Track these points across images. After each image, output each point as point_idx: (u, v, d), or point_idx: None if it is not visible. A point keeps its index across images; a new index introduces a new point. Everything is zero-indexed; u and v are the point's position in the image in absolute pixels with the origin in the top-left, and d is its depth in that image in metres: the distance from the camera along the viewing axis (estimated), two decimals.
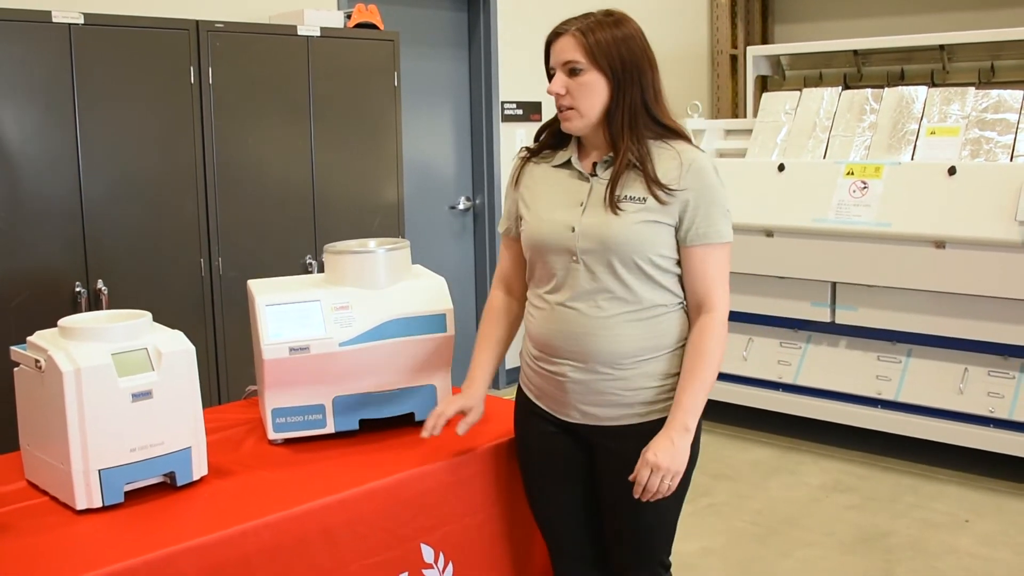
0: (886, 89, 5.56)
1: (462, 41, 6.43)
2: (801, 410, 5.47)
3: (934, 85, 5.51)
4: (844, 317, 5.27)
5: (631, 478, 2.28)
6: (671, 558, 2.55)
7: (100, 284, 3.98)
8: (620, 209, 2.30)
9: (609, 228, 2.30)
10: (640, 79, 2.32)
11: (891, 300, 5.09)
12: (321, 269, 4.57)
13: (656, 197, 2.29)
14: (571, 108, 2.34)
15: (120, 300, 3.98)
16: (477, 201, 6.55)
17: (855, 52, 5.91)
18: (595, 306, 2.33)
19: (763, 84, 6.50)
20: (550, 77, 2.40)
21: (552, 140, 2.50)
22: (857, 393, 5.28)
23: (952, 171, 4.85)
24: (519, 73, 6.57)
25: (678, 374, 2.37)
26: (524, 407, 2.56)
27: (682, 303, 2.40)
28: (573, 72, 2.33)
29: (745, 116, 7.01)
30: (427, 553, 2.44)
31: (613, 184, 2.32)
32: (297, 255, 4.61)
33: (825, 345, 5.42)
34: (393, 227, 4.94)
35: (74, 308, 3.92)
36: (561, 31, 2.37)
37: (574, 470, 2.50)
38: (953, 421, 4.99)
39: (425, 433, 2.47)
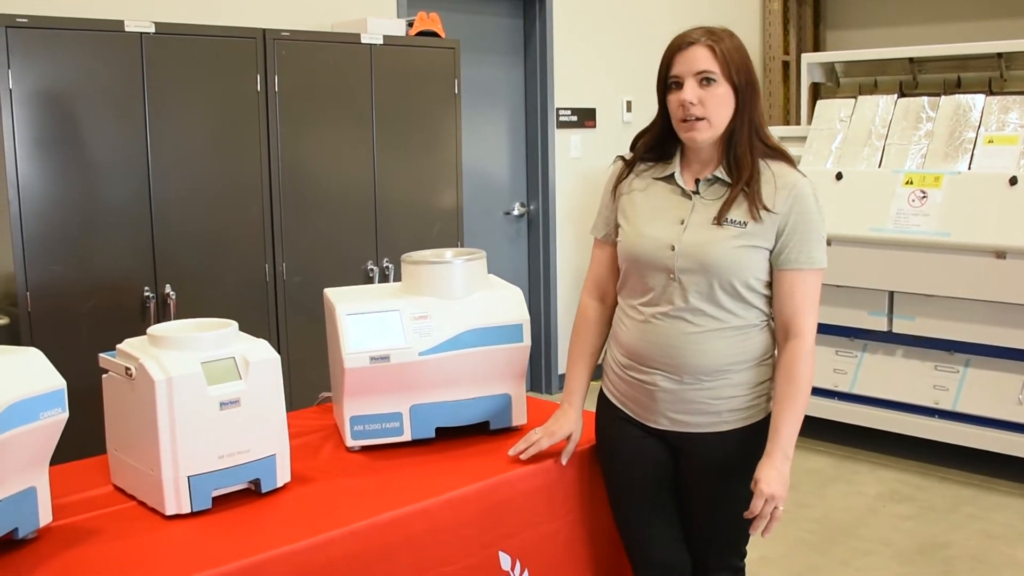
0: (943, 97, 5.54)
1: (517, 48, 6.47)
2: (857, 419, 5.46)
3: (991, 93, 5.47)
4: (901, 326, 5.26)
5: (747, 515, 2.32)
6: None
7: (168, 289, 4.04)
8: (718, 229, 2.34)
9: (709, 250, 2.33)
10: (755, 95, 2.37)
11: (949, 310, 5.07)
12: (382, 275, 4.63)
13: (755, 219, 2.32)
14: (702, 119, 2.34)
15: (187, 305, 4.04)
16: (531, 207, 6.58)
17: (911, 59, 5.87)
18: (688, 321, 2.37)
19: (816, 91, 6.47)
20: (667, 87, 2.40)
21: (651, 151, 2.51)
22: (914, 403, 5.26)
23: (1013, 181, 4.84)
24: (574, 80, 6.60)
25: (763, 383, 2.44)
26: (609, 412, 2.59)
27: (769, 320, 2.44)
28: (706, 82, 2.33)
29: (798, 123, 6.99)
30: (504, 560, 2.46)
31: (727, 205, 2.34)
32: (359, 261, 4.65)
33: (881, 354, 5.41)
34: (453, 233, 4.98)
35: (143, 313, 3.99)
36: (693, 40, 2.35)
37: (660, 474, 2.54)
38: (1012, 432, 4.96)
39: (512, 452, 2.53)
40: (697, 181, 2.41)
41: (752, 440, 2.41)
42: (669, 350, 2.39)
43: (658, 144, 2.49)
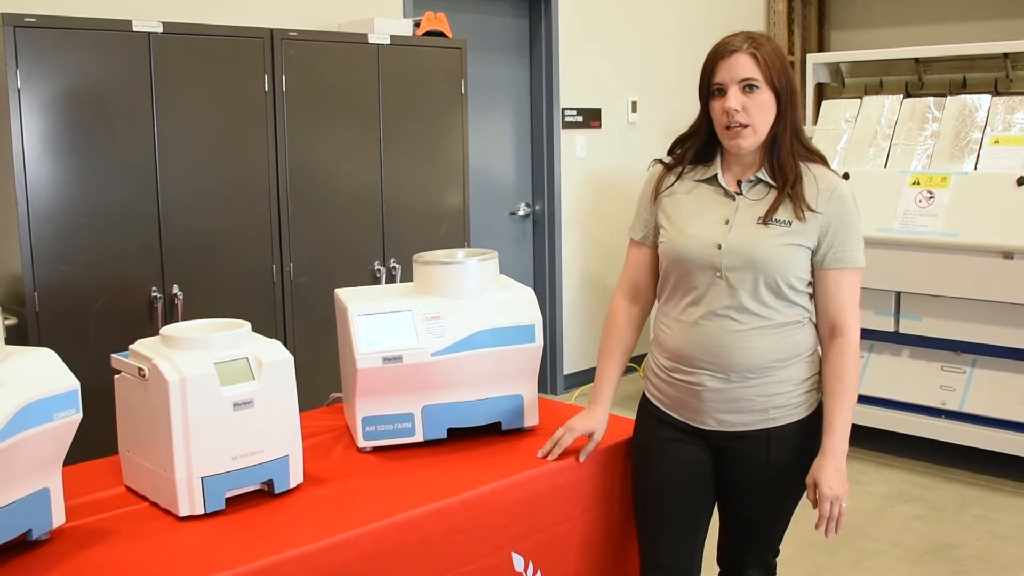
0: (948, 97, 5.54)
1: (523, 48, 6.46)
2: (864, 419, 5.44)
3: (997, 93, 5.47)
4: (908, 327, 5.25)
5: (817, 526, 2.40)
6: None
7: (176, 289, 4.03)
8: (765, 228, 2.37)
9: (757, 247, 2.37)
10: (795, 99, 2.39)
11: (956, 310, 5.07)
12: (389, 275, 4.62)
13: (799, 219, 2.36)
14: (746, 126, 2.37)
15: (194, 305, 4.03)
16: (537, 207, 6.58)
17: (916, 60, 5.86)
18: (733, 319, 2.41)
19: (820, 91, 6.47)
20: (710, 94, 2.42)
21: (691, 154, 2.53)
22: (921, 403, 5.26)
23: (1021, 181, 4.83)
24: (579, 80, 6.60)
25: (808, 379, 2.47)
26: (650, 414, 2.61)
27: (810, 317, 2.47)
28: (749, 89, 2.36)
29: (804, 123, 6.98)
30: (517, 562, 2.46)
31: (774, 207, 2.38)
32: (366, 261, 4.65)
33: (888, 355, 5.41)
34: (459, 234, 4.97)
35: (150, 313, 3.98)
36: (736, 48, 2.38)
37: (695, 477, 2.56)
38: (1018, 432, 4.96)
39: (540, 454, 2.54)
40: (739, 182, 2.45)
41: (798, 436, 2.47)
42: (715, 349, 2.42)
43: (699, 148, 2.52)
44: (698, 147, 2.51)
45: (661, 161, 2.60)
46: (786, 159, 2.39)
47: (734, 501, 2.58)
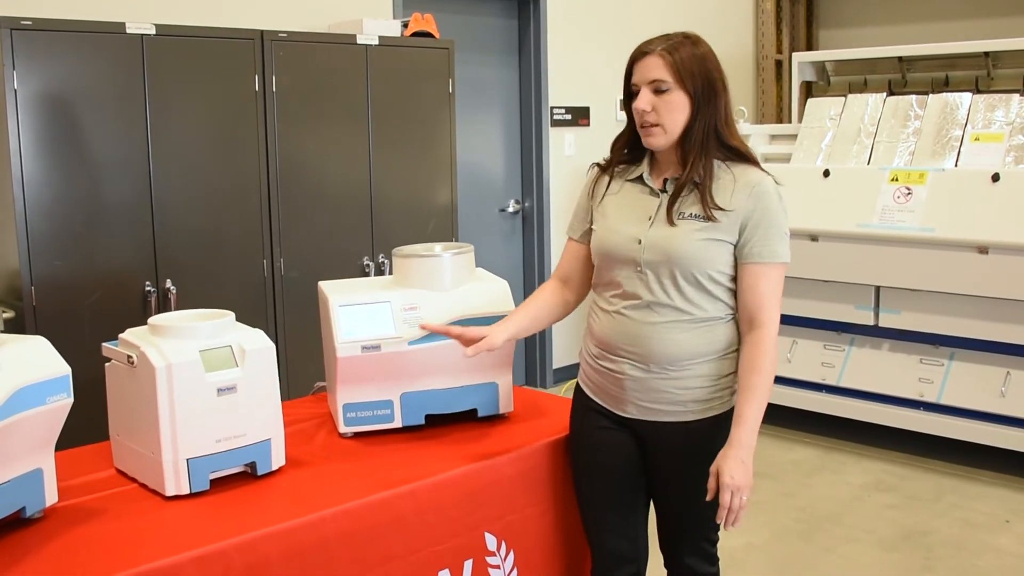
0: (931, 95, 5.64)
1: (512, 48, 6.57)
2: (844, 411, 5.56)
3: (979, 91, 5.57)
4: (887, 320, 5.36)
5: (717, 518, 2.37)
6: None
7: (169, 284, 4.14)
8: (676, 224, 2.43)
9: (673, 243, 2.43)
10: (716, 100, 2.44)
11: (934, 304, 5.18)
12: (378, 270, 4.73)
13: (711, 217, 2.41)
14: (656, 125, 2.44)
15: (187, 300, 4.13)
16: (526, 204, 6.68)
17: (900, 58, 5.97)
18: (654, 312, 2.46)
19: (807, 89, 6.58)
20: (630, 95, 2.50)
21: (626, 154, 2.61)
22: (899, 395, 5.37)
23: (996, 177, 4.94)
24: (568, 79, 6.70)
25: (727, 376, 2.52)
26: (582, 403, 2.69)
27: (734, 314, 2.52)
28: (659, 90, 2.43)
29: (790, 121, 7.09)
30: (490, 541, 2.57)
31: (673, 199, 2.45)
32: (355, 256, 4.76)
33: (868, 348, 5.52)
34: (447, 230, 5.08)
35: (144, 307, 4.09)
36: (647, 51, 2.45)
37: (625, 464, 2.63)
38: (994, 423, 5.07)
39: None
40: (665, 180, 2.51)
41: (715, 431, 2.50)
42: (636, 339, 2.49)
43: (631, 148, 2.59)
44: (628, 147, 2.59)
45: (599, 164, 2.67)
46: (689, 153, 2.44)
47: (660, 492, 2.64)
